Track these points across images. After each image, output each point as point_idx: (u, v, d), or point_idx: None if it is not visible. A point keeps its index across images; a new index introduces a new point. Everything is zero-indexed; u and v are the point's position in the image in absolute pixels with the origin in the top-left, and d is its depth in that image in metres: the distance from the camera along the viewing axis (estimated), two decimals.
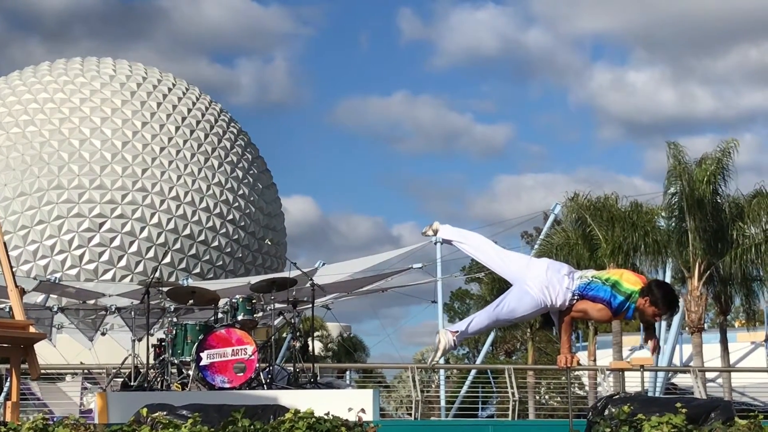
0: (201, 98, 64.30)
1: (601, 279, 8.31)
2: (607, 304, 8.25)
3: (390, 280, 35.14)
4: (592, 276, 8.35)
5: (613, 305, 8.24)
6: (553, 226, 39.59)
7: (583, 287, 8.30)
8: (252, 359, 14.77)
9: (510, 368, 24.61)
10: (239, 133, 65.58)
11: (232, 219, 60.72)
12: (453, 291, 68.41)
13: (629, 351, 45.92)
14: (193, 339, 15.13)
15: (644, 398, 10.46)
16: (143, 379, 15.33)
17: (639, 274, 8.42)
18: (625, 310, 8.24)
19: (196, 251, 58.60)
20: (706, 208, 32.43)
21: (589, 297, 8.28)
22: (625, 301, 8.20)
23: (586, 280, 8.31)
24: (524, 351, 56.40)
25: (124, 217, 56.74)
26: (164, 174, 58.36)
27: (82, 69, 62.61)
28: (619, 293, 8.21)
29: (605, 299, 8.24)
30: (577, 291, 8.32)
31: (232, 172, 62.02)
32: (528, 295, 8.50)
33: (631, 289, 8.19)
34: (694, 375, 26.00)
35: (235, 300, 15.76)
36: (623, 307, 8.22)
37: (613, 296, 8.22)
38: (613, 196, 34.65)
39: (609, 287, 8.25)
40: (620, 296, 8.21)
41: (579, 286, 8.31)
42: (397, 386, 47.53)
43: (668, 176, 33.46)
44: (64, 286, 37.06)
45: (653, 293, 8.14)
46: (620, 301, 8.21)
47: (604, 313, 8.35)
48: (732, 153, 33.26)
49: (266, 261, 62.85)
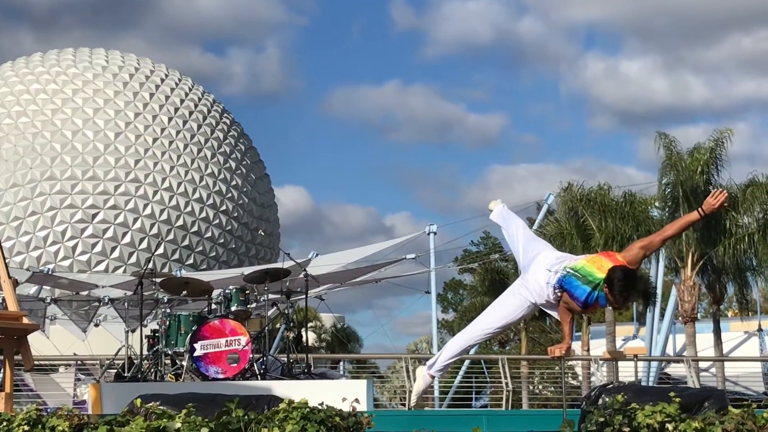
0: (194, 89, 64.21)
1: (575, 269, 8.15)
2: (573, 297, 8.14)
3: (383, 270, 35.16)
4: (570, 267, 8.20)
5: (579, 299, 8.09)
6: (546, 217, 39.61)
7: (560, 281, 8.20)
8: (246, 350, 14.76)
9: (503, 358, 24.63)
10: (232, 123, 65.51)
11: (225, 210, 60.69)
12: (446, 281, 68.53)
13: (623, 341, 46.02)
14: (186, 330, 15.12)
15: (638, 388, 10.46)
16: (137, 370, 15.32)
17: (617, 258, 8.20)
18: (595, 300, 8.09)
19: (189, 242, 58.57)
20: (700, 198, 32.40)
21: (565, 290, 8.20)
22: (592, 291, 8.05)
23: (563, 273, 8.19)
24: (517, 341, 56.45)
25: (117, 208, 56.68)
26: (157, 165, 58.30)
27: (74, 60, 62.49)
28: (587, 283, 8.05)
29: (574, 294, 8.12)
30: (557, 285, 8.24)
31: (225, 162, 61.97)
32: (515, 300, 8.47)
33: (600, 278, 8.04)
34: (688, 364, 26.03)
35: (228, 291, 15.75)
36: (592, 297, 8.06)
37: (579, 288, 8.07)
38: (606, 187, 34.67)
39: (578, 279, 8.09)
40: (587, 287, 8.03)
41: (558, 279, 8.22)
42: (390, 376, 47.62)
43: (662, 166, 33.50)
44: (57, 277, 37.05)
45: (610, 281, 7.93)
46: (587, 293, 8.04)
47: (575, 305, 8.25)
48: (725, 143, 33.31)
49: (259, 252, 62.83)
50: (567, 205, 34.48)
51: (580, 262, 8.19)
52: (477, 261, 48.88)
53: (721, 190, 8.27)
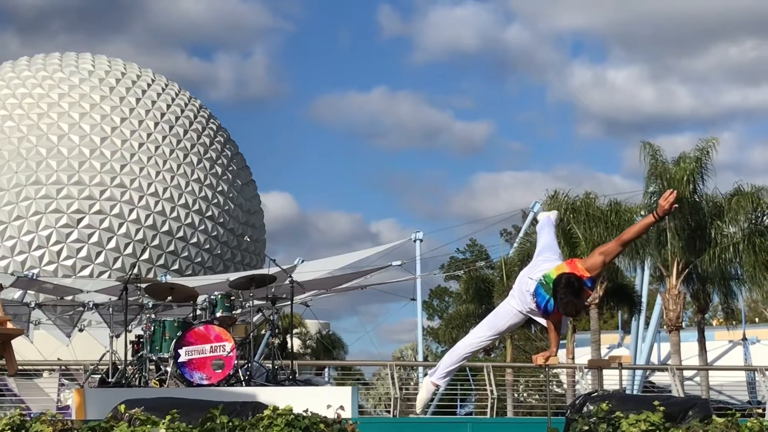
0: (180, 94, 64.14)
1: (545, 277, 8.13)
2: (538, 306, 8.13)
3: (369, 277, 35.17)
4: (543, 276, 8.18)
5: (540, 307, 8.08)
6: (533, 225, 39.63)
7: (536, 289, 8.21)
8: (230, 356, 14.73)
9: (488, 366, 24.65)
10: (218, 129, 65.44)
11: (210, 215, 60.60)
12: (432, 288, 68.58)
13: (607, 349, 46.04)
14: (171, 336, 15.09)
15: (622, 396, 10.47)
16: (121, 376, 15.28)
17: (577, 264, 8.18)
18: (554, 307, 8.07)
19: (175, 248, 58.46)
20: (685, 207, 32.52)
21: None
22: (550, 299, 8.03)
23: (536, 283, 8.19)
24: (503, 349, 56.45)
25: (102, 213, 56.56)
26: (143, 170, 58.20)
27: (60, 64, 62.37)
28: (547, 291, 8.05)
29: (537, 302, 8.12)
30: (534, 292, 8.24)
31: (212, 168, 61.89)
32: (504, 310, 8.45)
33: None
34: (672, 373, 26.08)
35: (213, 297, 15.72)
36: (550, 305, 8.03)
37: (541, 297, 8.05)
38: (592, 195, 34.72)
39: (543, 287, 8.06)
40: (547, 295, 8.02)
41: (535, 288, 8.22)
42: (375, 384, 47.56)
43: (647, 175, 33.57)
44: (42, 282, 36.93)
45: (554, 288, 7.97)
46: (545, 301, 8.04)
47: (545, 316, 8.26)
48: (711, 152, 33.39)
49: (245, 258, 62.75)
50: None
51: (550, 270, 8.17)
52: (463, 268, 48.88)
53: (671, 191, 8.28)
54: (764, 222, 33.72)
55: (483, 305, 42.04)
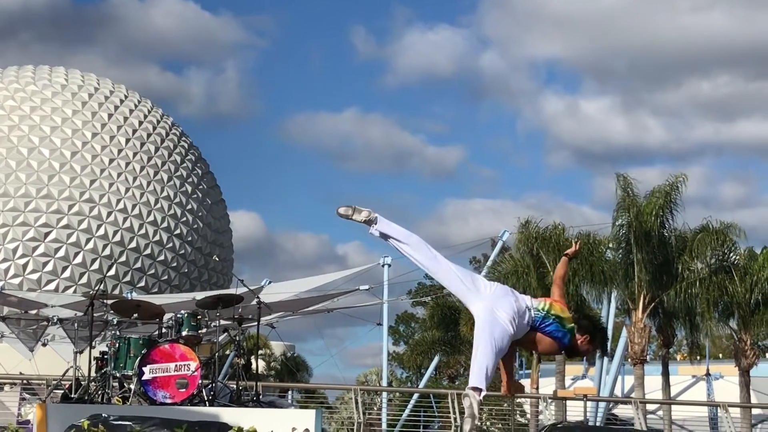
0: (153, 111, 64.02)
1: (551, 313, 8.30)
2: (559, 341, 8.29)
3: (336, 300, 35.06)
4: (542, 309, 8.30)
5: (564, 343, 8.30)
6: (502, 253, 39.73)
7: (539, 321, 8.29)
8: (195, 375, 14.66)
9: (453, 393, 24.61)
10: (190, 147, 65.31)
11: (179, 233, 60.40)
12: (398, 314, 68.52)
13: (572, 380, 46.12)
14: (136, 353, 15.00)
15: (586, 428, 10.52)
16: (84, 392, 15.17)
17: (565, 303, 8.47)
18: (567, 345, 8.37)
19: (142, 265, 58.21)
20: (653, 241, 32.69)
21: (543, 331, 8.28)
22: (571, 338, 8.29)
23: (540, 314, 8.29)
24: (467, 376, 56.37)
25: (70, 227, 56.27)
26: (112, 186, 57.97)
27: (33, 77, 62.14)
28: (564, 329, 8.27)
29: (558, 338, 8.28)
30: (534, 324, 8.30)
31: (181, 186, 61.73)
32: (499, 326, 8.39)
33: (571, 326, 8.28)
34: (635, 406, 26.14)
35: (180, 315, 15.66)
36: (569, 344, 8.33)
37: (564, 334, 8.28)
38: (561, 226, 34.84)
39: (558, 324, 8.28)
40: (568, 333, 8.28)
41: (535, 319, 8.29)
42: (339, 408, 47.41)
43: (617, 208, 33.73)
44: (6, 295, 36.64)
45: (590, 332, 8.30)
46: (569, 339, 8.28)
47: (554, 348, 8.39)
48: (680, 187, 33.60)
49: (212, 277, 62.53)
50: (523, 244, 34.57)
51: (547, 305, 8.32)
52: (430, 295, 48.85)
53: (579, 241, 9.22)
54: (730, 258, 33.94)
55: (449, 332, 42.09)
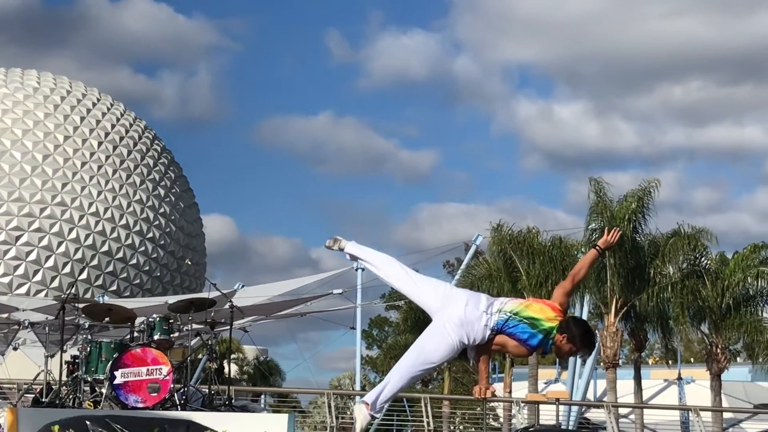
0: (125, 114, 63.81)
1: (520, 315, 8.17)
2: (523, 343, 8.16)
3: (309, 304, 35.02)
4: (510, 311, 8.20)
5: (531, 344, 8.16)
6: (475, 257, 39.76)
7: (501, 323, 8.17)
8: (167, 379, 14.59)
9: (426, 397, 24.60)
10: (163, 150, 65.13)
11: (151, 237, 60.21)
12: (372, 318, 68.46)
13: (544, 384, 46.22)
14: (107, 357, 14.91)
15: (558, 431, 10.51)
16: (55, 396, 15.08)
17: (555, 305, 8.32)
18: (542, 346, 8.18)
19: (114, 268, 57.98)
20: (626, 246, 32.77)
21: (507, 333, 8.19)
22: (544, 339, 8.12)
23: (504, 317, 8.16)
24: (440, 380, 56.51)
25: (41, 231, 56.00)
26: (84, 189, 57.73)
27: (5, 80, 61.84)
28: (537, 330, 8.12)
29: (522, 339, 8.15)
30: (495, 327, 8.21)
31: (154, 189, 61.53)
32: (443, 341, 8.34)
33: (550, 326, 8.08)
34: (608, 410, 26.19)
35: (152, 319, 15.57)
36: (541, 344, 8.15)
37: (531, 336, 8.12)
38: (535, 230, 34.91)
39: (527, 325, 8.14)
40: (540, 334, 8.11)
41: (497, 322, 8.17)
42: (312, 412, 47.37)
43: (590, 212, 33.83)
44: None
45: (571, 331, 8.04)
46: (539, 340, 8.12)
47: (521, 350, 8.27)
48: (653, 192, 33.73)
49: (184, 281, 62.37)
50: (496, 246, 34.62)
51: (520, 307, 8.17)
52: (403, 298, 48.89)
53: (616, 229, 8.52)
54: (702, 263, 34.11)
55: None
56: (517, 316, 8.14)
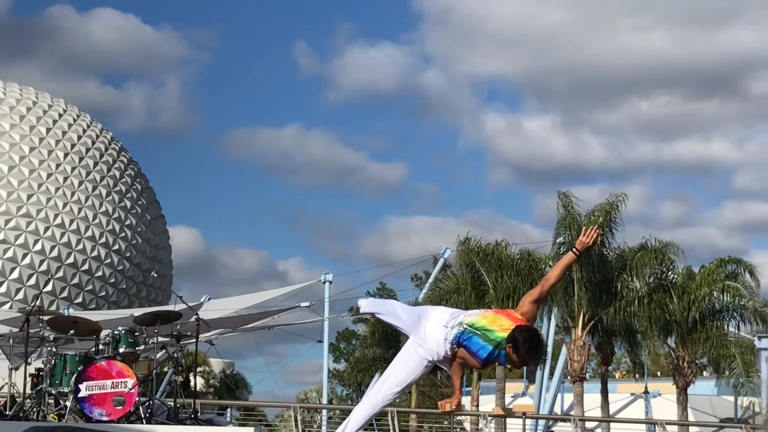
0: (92, 126, 63.49)
1: (474, 327, 8.15)
2: (473, 354, 8.12)
3: (276, 317, 34.93)
4: (466, 324, 8.18)
5: (481, 357, 8.10)
6: (443, 270, 39.73)
7: (458, 336, 8.17)
8: (132, 393, 14.46)
9: (393, 411, 24.54)
10: (129, 162, 64.85)
11: (117, 249, 59.88)
12: (339, 331, 68.36)
13: (512, 398, 46.23)
14: (72, 370, 14.78)
15: None
16: (19, 409, 14.92)
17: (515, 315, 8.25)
18: (496, 357, 8.09)
19: (79, 280, 57.62)
20: (593, 259, 32.82)
21: (464, 346, 8.17)
22: (494, 350, 8.06)
23: (460, 329, 8.17)
24: (408, 394, 56.39)
25: (6, 242, 55.59)
26: (50, 200, 57.37)
27: None
28: (488, 341, 8.06)
29: (473, 351, 8.11)
30: (454, 341, 8.20)
31: (120, 201, 61.23)
32: (411, 360, 8.39)
33: (501, 337, 8.04)
34: (574, 424, 26.23)
35: (117, 332, 15.44)
36: (493, 355, 8.07)
37: (481, 347, 8.07)
38: (503, 243, 34.92)
39: (479, 337, 8.09)
40: (489, 345, 8.05)
41: (455, 335, 8.18)
42: (278, 425, 47.19)
43: (558, 226, 33.88)
44: None
45: (515, 340, 7.95)
46: (488, 352, 8.06)
47: (474, 362, 8.25)
48: (620, 206, 33.82)
49: (150, 293, 62.06)
50: (464, 259, 34.60)
51: (476, 318, 8.17)
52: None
53: (593, 227, 8.40)
54: (669, 277, 34.20)
55: (390, 349, 42.01)
56: (471, 328, 8.13)
